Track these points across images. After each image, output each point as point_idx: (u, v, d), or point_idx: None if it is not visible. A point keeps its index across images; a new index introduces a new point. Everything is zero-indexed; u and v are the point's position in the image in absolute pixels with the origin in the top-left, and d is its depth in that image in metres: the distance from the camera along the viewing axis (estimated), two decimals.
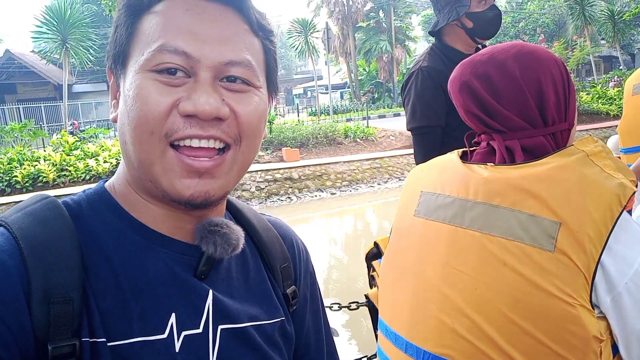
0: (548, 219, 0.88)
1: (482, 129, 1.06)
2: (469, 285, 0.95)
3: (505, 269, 0.90)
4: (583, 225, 0.86)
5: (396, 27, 30.10)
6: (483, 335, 0.92)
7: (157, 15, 0.61)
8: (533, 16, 32.58)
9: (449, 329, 0.96)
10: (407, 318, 1.05)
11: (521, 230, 0.90)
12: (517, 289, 0.89)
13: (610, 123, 16.43)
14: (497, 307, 0.91)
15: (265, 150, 13.20)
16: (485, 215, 0.95)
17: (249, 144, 0.65)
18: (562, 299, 0.86)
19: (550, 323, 0.86)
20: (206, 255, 0.65)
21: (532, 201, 0.91)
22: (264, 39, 0.68)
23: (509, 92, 1.00)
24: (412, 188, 1.15)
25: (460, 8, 1.93)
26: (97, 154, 11.56)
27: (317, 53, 27.04)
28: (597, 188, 0.89)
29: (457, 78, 1.07)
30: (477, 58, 1.05)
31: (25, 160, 11.00)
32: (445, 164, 1.11)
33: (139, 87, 0.60)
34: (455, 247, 0.98)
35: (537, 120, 1.01)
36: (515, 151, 1.00)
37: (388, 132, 15.48)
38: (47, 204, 0.61)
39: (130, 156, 0.62)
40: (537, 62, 1.01)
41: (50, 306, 0.53)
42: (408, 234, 1.10)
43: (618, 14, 23.50)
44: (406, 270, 1.08)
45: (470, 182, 1.00)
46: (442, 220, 1.02)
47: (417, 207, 1.09)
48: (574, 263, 0.86)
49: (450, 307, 0.96)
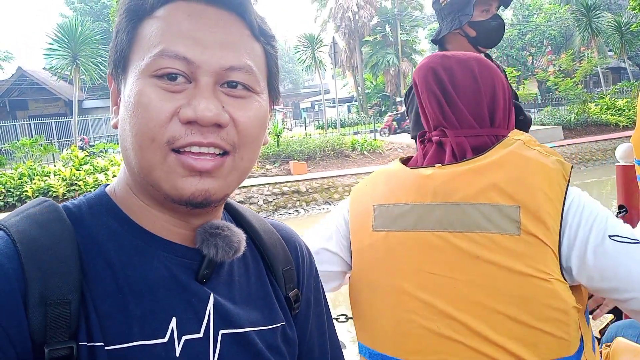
0: (508, 205, 0.93)
1: (439, 119, 1.08)
2: (446, 286, 0.96)
3: (478, 261, 0.93)
4: (540, 204, 0.92)
5: (402, 40, 30.29)
6: (471, 332, 0.93)
7: (158, 20, 0.61)
8: (540, 28, 32.61)
9: (437, 335, 0.96)
10: (390, 335, 1.03)
11: (486, 221, 0.94)
12: (494, 277, 0.92)
13: (620, 134, 16.33)
14: (478, 300, 0.93)
15: (273, 164, 13.23)
16: (448, 214, 0.97)
17: (248, 151, 0.65)
18: (537, 276, 0.90)
19: (531, 303, 0.90)
20: (207, 258, 0.65)
21: (489, 192, 0.95)
22: (265, 44, 0.67)
23: (467, 88, 1.05)
24: (360, 205, 1.12)
25: (463, 17, 1.94)
26: (107, 168, 11.66)
27: (324, 67, 27.22)
28: (542, 167, 0.96)
29: (425, 65, 1.11)
30: (443, 53, 1.11)
31: (36, 175, 11.11)
32: (389, 174, 1.12)
33: (139, 93, 0.59)
34: (425, 252, 0.99)
35: (486, 120, 1.06)
36: (466, 150, 1.04)
37: (395, 144, 15.48)
38: (46, 208, 0.61)
39: (131, 162, 0.62)
40: (492, 69, 1.08)
41: (47, 308, 0.53)
42: (370, 250, 1.07)
43: (625, 25, 23.45)
44: (378, 288, 1.05)
45: (424, 185, 1.02)
46: (404, 229, 1.02)
47: (373, 222, 1.07)
48: (541, 240, 0.91)
49: (433, 313, 0.97)
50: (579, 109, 18.08)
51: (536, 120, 18.12)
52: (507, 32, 30.86)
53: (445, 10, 2.02)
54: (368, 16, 29.84)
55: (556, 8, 32.54)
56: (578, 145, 15.09)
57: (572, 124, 17.45)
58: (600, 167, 13.66)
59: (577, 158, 14.28)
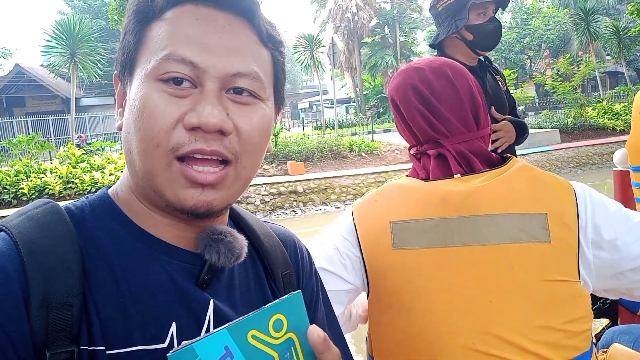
0: (537, 213, 0.94)
1: (428, 133, 1.07)
2: (479, 300, 0.94)
3: (512, 272, 0.93)
4: (561, 208, 0.96)
5: (401, 42, 30.32)
6: (507, 344, 0.92)
7: (166, 23, 0.61)
8: (538, 32, 32.68)
9: (472, 351, 0.93)
10: (418, 357, 0.98)
11: (518, 231, 0.93)
12: (529, 287, 0.92)
13: (616, 138, 16.37)
14: (513, 311, 0.92)
15: (270, 164, 13.21)
16: (479, 227, 0.95)
17: (251, 159, 0.64)
18: (567, 280, 0.93)
19: (562, 307, 0.92)
20: (208, 263, 0.65)
21: (517, 201, 0.96)
22: (273, 50, 0.67)
23: (448, 96, 1.05)
24: (372, 222, 1.05)
25: (460, 21, 1.96)
26: (103, 166, 11.62)
27: (323, 68, 27.20)
28: (553, 180, 1.01)
29: (402, 82, 1.09)
30: (416, 66, 1.10)
31: (32, 172, 11.06)
32: (405, 188, 1.06)
33: (144, 97, 0.59)
34: (455, 268, 0.96)
35: (472, 123, 1.06)
36: (469, 157, 1.04)
37: (393, 146, 15.48)
38: (48, 209, 0.60)
39: (135, 166, 0.62)
40: (463, 71, 1.09)
41: (48, 311, 0.53)
42: (391, 270, 1.00)
43: (623, 29, 23.52)
44: (402, 309, 0.99)
45: (447, 199, 0.99)
46: (430, 245, 0.97)
47: (392, 239, 1.00)
48: (567, 243, 0.93)
49: (467, 329, 0.94)
50: (577, 113, 18.11)
51: (534, 124, 18.15)
52: (506, 35, 30.95)
53: (442, 15, 2.04)
54: (367, 17, 29.85)
55: (555, 12, 32.62)
56: (575, 149, 15.13)
57: (570, 127, 17.48)
58: (597, 171, 13.69)
59: (574, 162, 14.31)
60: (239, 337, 0.50)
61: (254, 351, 0.50)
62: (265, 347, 0.51)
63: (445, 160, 1.05)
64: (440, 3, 2.05)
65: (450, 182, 1.01)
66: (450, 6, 2.00)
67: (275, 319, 0.53)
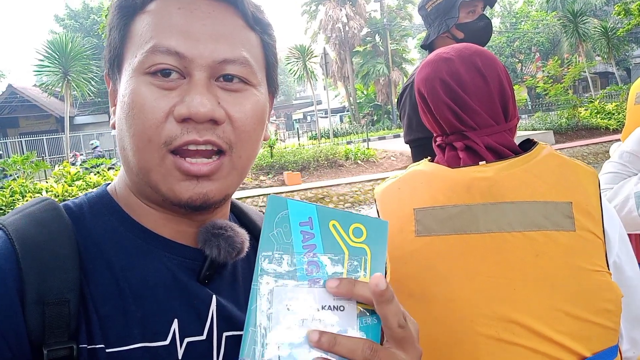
0: (561, 202, 0.94)
1: (455, 126, 1.05)
2: (503, 288, 0.93)
3: (537, 259, 0.92)
4: (587, 198, 0.96)
5: (392, 50, 30.49)
6: (530, 333, 0.91)
7: (150, 15, 0.60)
8: (527, 35, 32.97)
9: (494, 340, 0.92)
10: (439, 346, 0.95)
11: (543, 219, 0.93)
12: (554, 275, 0.92)
13: (610, 137, 16.45)
14: (537, 299, 0.91)
15: (267, 175, 13.20)
16: (505, 214, 0.94)
17: (247, 148, 0.63)
18: (593, 270, 0.92)
19: (588, 297, 0.91)
20: (209, 259, 0.63)
21: (543, 189, 0.95)
22: (262, 33, 0.65)
23: (477, 88, 1.04)
24: (396, 209, 1.04)
25: (450, 20, 1.97)
26: (99, 184, 11.59)
27: (316, 78, 27.30)
28: (579, 168, 1.00)
29: (431, 75, 1.07)
30: (445, 56, 1.07)
31: (28, 192, 11.00)
32: (429, 175, 1.05)
33: (133, 92, 0.58)
34: (480, 255, 0.94)
35: (500, 115, 1.05)
36: (498, 148, 1.03)
37: (389, 152, 15.51)
38: (45, 206, 0.60)
39: (130, 162, 0.61)
40: (494, 60, 1.07)
41: (44, 308, 0.52)
42: (413, 258, 0.99)
43: (611, 30, 23.75)
44: (423, 297, 0.97)
45: (473, 185, 0.98)
46: (454, 232, 0.96)
47: (415, 226, 0.99)
48: (593, 234, 0.93)
49: (490, 318, 0.92)
50: (569, 114, 18.22)
51: (527, 126, 18.24)
52: (496, 39, 31.20)
53: (431, 15, 2.05)
54: (358, 27, 30.03)
55: (543, 15, 32.94)
56: (570, 150, 15.18)
57: (563, 128, 17.58)
58: None
59: None
60: (322, 218, 0.54)
61: (330, 236, 0.54)
62: (340, 240, 0.54)
63: (474, 152, 1.04)
64: (429, 3, 2.06)
65: (475, 169, 1.00)
66: (439, 6, 2.01)
67: (356, 226, 0.55)
